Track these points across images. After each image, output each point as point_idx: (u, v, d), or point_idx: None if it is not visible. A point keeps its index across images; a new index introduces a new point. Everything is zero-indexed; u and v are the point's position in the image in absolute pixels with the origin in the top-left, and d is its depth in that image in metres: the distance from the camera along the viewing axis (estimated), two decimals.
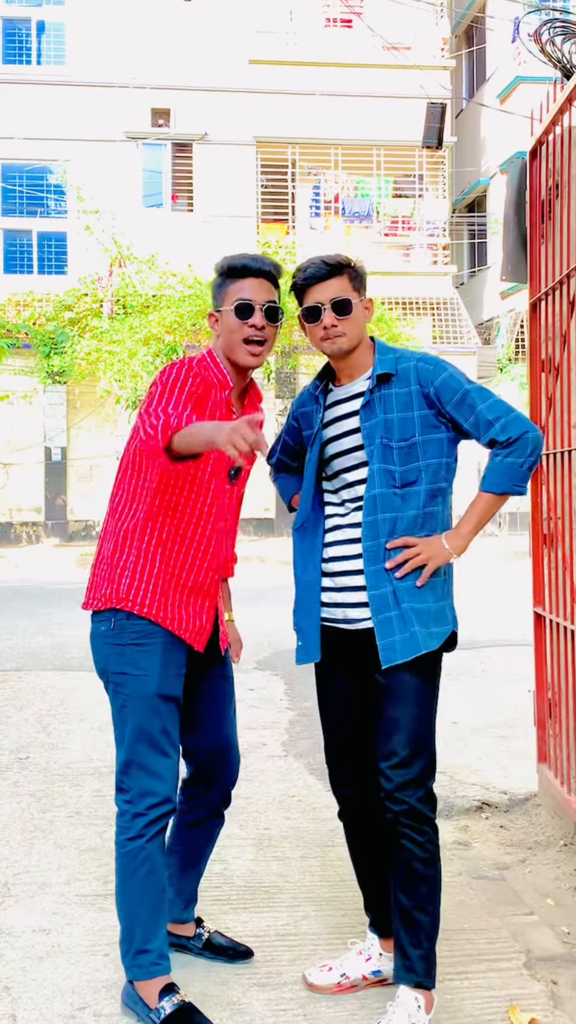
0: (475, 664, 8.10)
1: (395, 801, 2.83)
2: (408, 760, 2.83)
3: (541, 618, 4.60)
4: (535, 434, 2.85)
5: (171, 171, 22.53)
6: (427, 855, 2.84)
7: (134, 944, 2.92)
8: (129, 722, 2.95)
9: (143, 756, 2.93)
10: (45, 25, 22.55)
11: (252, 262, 3.01)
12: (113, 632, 2.97)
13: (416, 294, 21.94)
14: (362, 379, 3.00)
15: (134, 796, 2.93)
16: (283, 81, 21.91)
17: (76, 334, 19.84)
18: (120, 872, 2.96)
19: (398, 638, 2.84)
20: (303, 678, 7.31)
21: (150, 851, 2.92)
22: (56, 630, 9.96)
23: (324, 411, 3.04)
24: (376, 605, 2.87)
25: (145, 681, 2.93)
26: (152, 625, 2.95)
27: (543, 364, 4.53)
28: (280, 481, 3.37)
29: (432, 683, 2.92)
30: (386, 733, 2.86)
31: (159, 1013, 2.85)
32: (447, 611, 2.95)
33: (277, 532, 20.39)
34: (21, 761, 5.48)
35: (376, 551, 2.88)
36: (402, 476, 2.88)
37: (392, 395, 2.91)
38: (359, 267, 3.01)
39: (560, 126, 4.25)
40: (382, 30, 19.09)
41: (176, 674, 3.00)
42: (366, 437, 2.91)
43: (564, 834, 4.25)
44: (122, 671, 2.96)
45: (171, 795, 2.97)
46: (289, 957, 3.27)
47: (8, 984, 3.08)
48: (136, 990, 2.92)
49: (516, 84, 21.16)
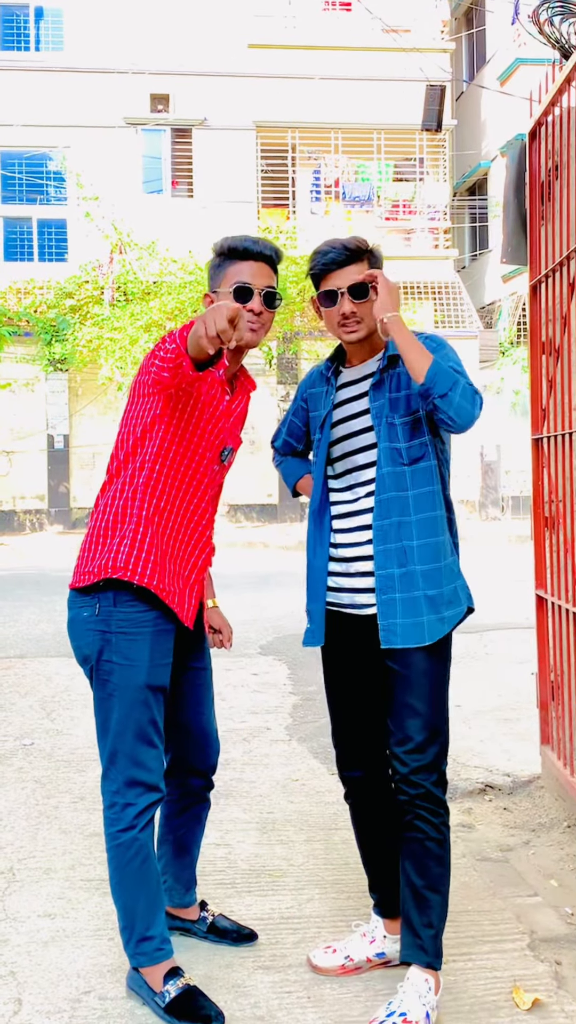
0: (478, 647, 8.12)
1: (411, 784, 2.85)
2: (423, 745, 2.84)
3: (543, 601, 4.60)
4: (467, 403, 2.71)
5: (171, 157, 22.49)
6: (440, 836, 2.86)
7: (135, 933, 2.92)
8: (116, 712, 2.88)
9: (130, 746, 2.88)
10: (43, 11, 22.48)
11: (253, 245, 2.96)
12: (98, 618, 2.89)
13: (417, 278, 21.90)
14: (373, 360, 2.99)
15: (121, 786, 2.89)
16: (282, 65, 21.83)
17: (77, 321, 19.85)
18: (114, 863, 2.92)
19: (400, 621, 2.84)
20: (307, 663, 7.33)
21: (143, 840, 2.90)
22: (59, 617, 9.96)
23: (336, 392, 3.04)
24: (381, 584, 2.88)
25: (134, 671, 2.87)
26: (142, 613, 2.88)
27: (544, 346, 4.52)
28: (284, 466, 3.35)
29: (444, 666, 2.93)
30: (400, 718, 2.87)
31: (164, 996, 2.86)
32: (459, 591, 2.95)
33: (280, 518, 20.40)
34: (26, 747, 5.49)
35: (386, 530, 2.88)
36: (408, 453, 2.87)
37: (400, 374, 2.90)
38: (377, 252, 2.98)
39: (559, 107, 4.23)
40: (381, 13, 18.99)
41: (163, 663, 2.95)
42: (375, 417, 2.91)
43: (567, 816, 4.26)
44: (109, 659, 2.89)
45: (159, 784, 2.94)
46: (293, 940, 3.28)
47: (14, 969, 3.10)
48: (140, 975, 2.93)
49: (516, 66, 21.07)
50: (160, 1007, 2.86)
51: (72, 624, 3.00)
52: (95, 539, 2.95)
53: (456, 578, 2.96)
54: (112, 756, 2.91)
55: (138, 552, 2.87)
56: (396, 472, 2.87)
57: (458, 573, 2.98)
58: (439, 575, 2.89)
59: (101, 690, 2.93)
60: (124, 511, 2.91)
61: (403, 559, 2.87)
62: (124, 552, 2.86)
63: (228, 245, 2.98)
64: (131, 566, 2.85)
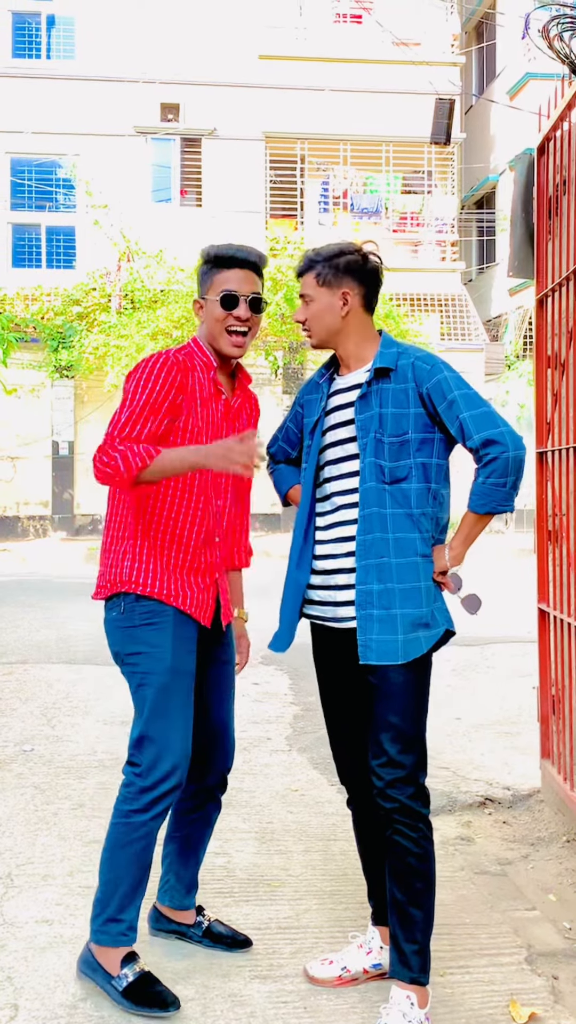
0: (480, 660, 8.11)
1: (387, 799, 2.84)
2: (397, 758, 2.84)
3: (545, 614, 4.60)
4: (515, 454, 2.81)
5: (180, 166, 22.54)
6: (420, 851, 2.85)
7: (108, 910, 2.97)
8: (148, 700, 2.98)
9: (157, 731, 2.96)
10: (55, 19, 22.56)
11: (239, 252, 3.07)
12: (123, 615, 3.02)
13: (424, 290, 21.92)
14: (362, 371, 3.00)
15: (144, 770, 2.96)
16: (292, 76, 21.89)
17: (84, 328, 19.87)
18: (113, 838, 2.99)
19: (375, 638, 2.84)
20: (308, 673, 7.30)
21: (152, 828, 2.97)
22: (62, 623, 9.99)
23: (327, 399, 3.06)
24: (360, 599, 2.88)
25: (158, 656, 2.98)
26: (160, 604, 2.99)
27: (549, 360, 4.52)
28: (276, 474, 3.35)
29: (421, 682, 2.91)
30: (375, 732, 2.87)
31: (121, 980, 2.91)
32: (437, 614, 2.93)
33: (284, 527, 20.40)
34: (26, 753, 5.49)
35: (368, 545, 2.88)
36: (391, 472, 2.87)
37: (389, 390, 2.90)
38: (336, 261, 2.96)
39: (568, 122, 4.24)
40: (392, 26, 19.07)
41: (188, 649, 3.04)
42: (360, 430, 2.91)
43: (567, 830, 4.25)
44: (135, 651, 3.00)
45: (181, 773, 2.98)
46: (290, 950, 3.28)
47: (11, 974, 3.10)
48: (95, 957, 2.97)
49: (526, 80, 21.10)
50: (117, 991, 2.90)
51: (105, 626, 3.13)
52: (106, 554, 3.11)
53: (435, 600, 2.94)
54: (139, 740, 2.99)
55: (140, 566, 3.01)
56: (377, 488, 2.88)
57: (437, 595, 2.96)
58: (418, 595, 2.87)
59: (132, 680, 3.04)
60: (124, 529, 3.05)
61: (382, 575, 2.86)
62: (127, 568, 3.02)
63: (215, 253, 3.09)
64: (135, 579, 3.00)
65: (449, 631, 2.96)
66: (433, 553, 2.93)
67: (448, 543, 2.94)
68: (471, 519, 2.90)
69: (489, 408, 2.86)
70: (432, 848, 2.88)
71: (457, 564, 2.94)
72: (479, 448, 2.82)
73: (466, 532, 2.92)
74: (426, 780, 2.91)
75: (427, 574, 2.91)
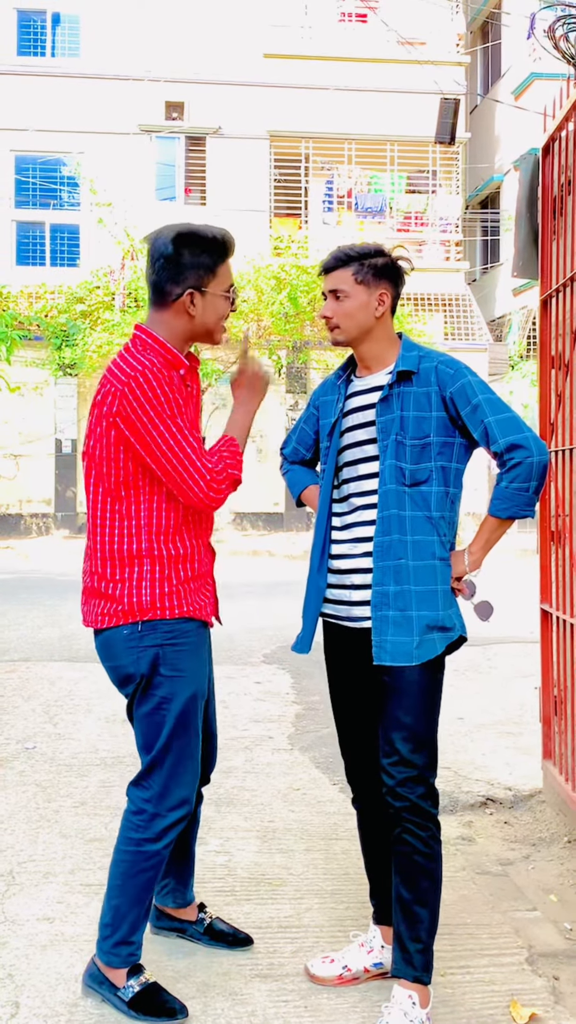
0: (482, 660, 8.11)
1: (397, 797, 2.84)
2: (409, 758, 2.84)
3: (548, 615, 4.60)
4: (540, 459, 2.81)
5: (184, 164, 22.55)
6: (429, 850, 2.85)
7: (118, 934, 2.91)
8: (167, 725, 2.86)
9: (173, 759, 2.87)
10: (60, 17, 22.58)
11: (232, 237, 2.98)
12: (140, 634, 2.83)
13: (428, 290, 21.92)
14: (382, 373, 2.99)
15: (155, 797, 2.88)
16: (297, 75, 21.89)
17: (88, 326, 19.88)
18: (124, 867, 2.91)
19: (391, 639, 2.84)
20: (310, 672, 7.33)
21: (163, 856, 2.91)
22: (64, 621, 9.99)
23: (344, 400, 3.05)
24: (376, 600, 2.87)
25: (183, 683, 2.86)
26: (184, 623, 2.87)
27: (553, 361, 4.52)
28: (291, 475, 3.34)
29: (434, 682, 2.91)
30: (387, 731, 2.87)
31: (127, 992, 2.88)
32: (454, 618, 2.93)
33: (286, 527, 20.39)
34: (28, 751, 5.50)
35: (386, 547, 2.87)
36: (412, 474, 2.87)
37: (411, 393, 2.90)
38: (375, 262, 2.98)
39: (573, 122, 4.24)
40: (397, 25, 19.06)
41: (205, 671, 2.97)
42: (380, 432, 2.91)
43: (568, 831, 4.25)
44: (158, 674, 2.85)
45: (192, 799, 2.94)
46: (291, 949, 3.28)
47: (12, 972, 3.10)
48: (102, 971, 2.94)
49: (531, 80, 21.10)
50: (123, 1002, 2.87)
51: (108, 647, 2.91)
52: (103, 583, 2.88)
53: (451, 605, 2.94)
54: (152, 766, 2.89)
55: (161, 591, 2.84)
56: (397, 490, 2.87)
57: (453, 600, 2.96)
58: (434, 598, 2.87)
59: (148, 704, 2.88)
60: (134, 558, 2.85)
61: (400, 577, 2.86)
62: (147, 596, 2.83)
63: (223, 238, 2.94)
64: (159, 605, 2.84)
65: (463, 637, 2.96)
66: (451, 557, 2.93)
67: (467, 547, 2.94)
68: (492, 524, 2.90)
69: (513, 413, 2.85)
70: (440, 848, 2.88)
71: (475, 569, 2.93)
72: (504, 452, 2.81)
73: (486, 537, 2.92)
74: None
75: (444, 578, 2.90)
